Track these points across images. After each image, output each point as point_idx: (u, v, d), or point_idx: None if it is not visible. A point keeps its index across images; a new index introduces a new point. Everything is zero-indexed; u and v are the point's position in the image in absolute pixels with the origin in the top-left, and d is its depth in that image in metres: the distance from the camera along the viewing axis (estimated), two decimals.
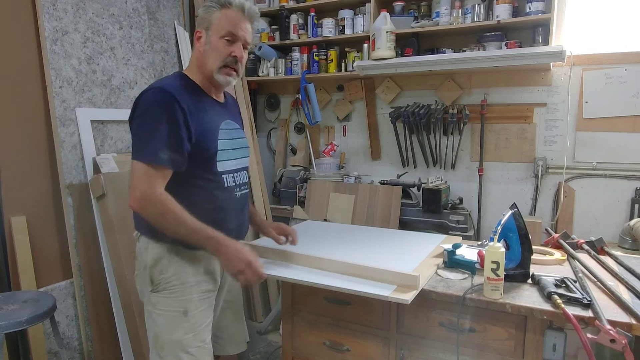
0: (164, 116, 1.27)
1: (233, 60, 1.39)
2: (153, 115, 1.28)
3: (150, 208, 1.26)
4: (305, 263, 1.61)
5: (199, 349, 1.39)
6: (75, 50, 2.27)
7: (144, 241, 1.42)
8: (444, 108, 2.73)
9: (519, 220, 1.44)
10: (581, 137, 2.51)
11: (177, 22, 2.92)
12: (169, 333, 1.38)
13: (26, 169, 2.09)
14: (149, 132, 1.28)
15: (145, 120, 1.29)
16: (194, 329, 1.39)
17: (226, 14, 1.38)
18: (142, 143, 1.29)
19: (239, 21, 1.38)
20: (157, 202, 1.26)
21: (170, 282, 1.38)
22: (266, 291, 3.17)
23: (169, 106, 1.28)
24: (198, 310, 1.41)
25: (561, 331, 1.32)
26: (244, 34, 1.40)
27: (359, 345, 1.62)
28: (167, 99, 1.29)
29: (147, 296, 1.42)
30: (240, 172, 1.50)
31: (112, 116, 2.45)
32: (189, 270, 1.39)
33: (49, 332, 2.07)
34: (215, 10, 1.38)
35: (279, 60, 3.11)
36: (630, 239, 2.14)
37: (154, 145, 1.26)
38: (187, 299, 1.39)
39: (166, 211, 1.25)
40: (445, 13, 2.52)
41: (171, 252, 1.38)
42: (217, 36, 1.37)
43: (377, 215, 2.77)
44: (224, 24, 1.37)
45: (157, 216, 1.26)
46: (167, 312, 1.38)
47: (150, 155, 1.26)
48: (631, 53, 2.36)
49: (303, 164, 3.19)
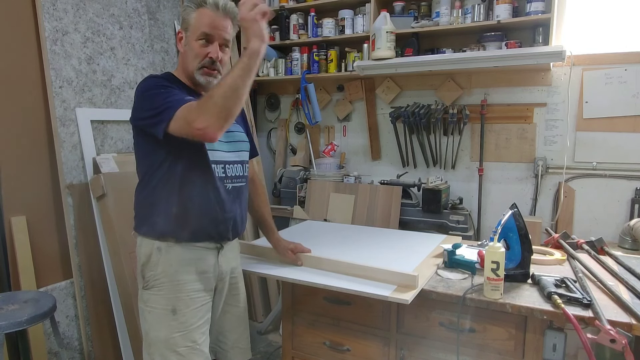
0: (164, 85, 1.32)
1: (209, 61, 1.38)
2: (155, 89, 1.30)
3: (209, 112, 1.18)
4: (306, 263, 1.61)
5: (188, 349, 1.37)
6: (75, 50, 2.27)
7: (139, 239, 1.43)
8: (444, 108, 2.73)
9: (519, 220, 1.44)
10: (581, 137, 2.51)
11: (177, 22, 2.92)
12: (156, 331, 1.37)
13: (26, 169, 2.09)
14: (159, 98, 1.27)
15: (151, 96, 1.29)
16: (182, 328, 1.37)
17: (202, 13, 1.37)
18: (159, 104, 1.26)
19: (214, 20, 1.37)
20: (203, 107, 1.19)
21: (159, 279, 1.37)
22: (266, 291, 3.17)
23: (164, 81, 1.34)
24: (189, 309, 1.38)
25: (561, 331, 1.32)
26: (221, 32, 1.38)
27: (359, 345, 1.62)
28: (160, 78, 1.36)
29: (139, 293, 1.43)
30: (233, 165, 1.47)
31: (112, 116, 2.45)
32: (178, 268, 1.38)
33: (49, 332, 2.07)
34: (191, 10, 1.38)
35: (279, 60, 3.11)
36: (630, 239, 2.14)
37: (173, 97, 1.26)
38: (175, 297, 1.37)
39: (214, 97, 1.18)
40: (445, 13, 2.52)
41: (161, 248, 1.37)
42: (194, 37, 1.37)
43: (377, 215, 2.77)
44: (199, 24, 1.36)
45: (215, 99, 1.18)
46: (155, 309, 1.37)
47: (176, 103, 1.24)
48: (631, 53, 2.36)
49: (303, 164, 3.19)
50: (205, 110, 1.18)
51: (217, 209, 1.41)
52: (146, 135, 1.33)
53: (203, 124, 1.17)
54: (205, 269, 1.43)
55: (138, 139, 1.41)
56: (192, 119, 1.19)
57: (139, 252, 1.42)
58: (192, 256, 1.40)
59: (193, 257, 1.40)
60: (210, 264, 1.44)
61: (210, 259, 1.44)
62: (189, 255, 1.39)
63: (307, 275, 1.51)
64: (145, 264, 1.39)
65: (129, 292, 2.17)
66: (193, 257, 1.40)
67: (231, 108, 1.19)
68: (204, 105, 1.19)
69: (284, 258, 1.64)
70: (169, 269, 1.37)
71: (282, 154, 3.39)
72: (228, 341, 1.60)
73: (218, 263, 1.46)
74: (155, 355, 1.37)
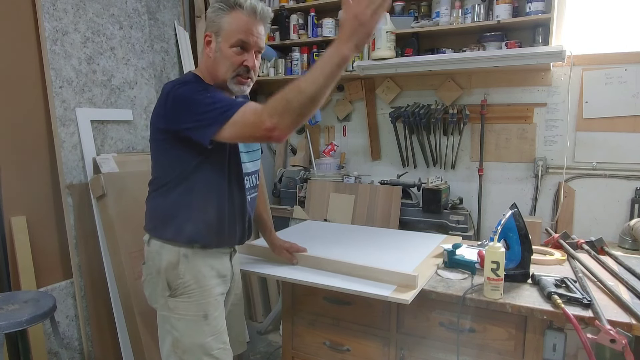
0: (204, 89, 1.26)
1: (245, 69, 1.32)
2: (198, 94, 1.23)
3: (283, 116, 1.11)
4: (305, 263, 1.61)
5: (221, 351, 1.39)
6: (75, 50, 2.27)
7: (156, 244, 1.38)
8: (444, 108, 2.73)
9: (519, 220, 1.44)
10: (581, 137, 2.51)
11: (177, 22, 2.92)
12: (191, 337, 1.35)
13: (26, 169, 2.09)
14: (204, 103, 1.20)
15: (196, 103, 1.22)
16: (214, 331, 1.38)
17: (237, 17, 1.28)
18: (209, 112, 1.19)
19: (250, 26, 1.29)
20: (273, 111, 1.11)
21: (189, 286, 1.35)
22: (266, 291, 3.17)
23: (200, 86, 1.28)
24: (217, 312, 1.40)
25: (561, 331, 1.32)
26: (257, 39, 1.31)
27: (359, 345, 1.62)
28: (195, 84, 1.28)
29: (161, 301, 1.38)
30: (252, 175, 1.48)
31: (112, 116, 2.44)
32: (205, 274, 1.37)
33: (49, 332, 2.07)
34: (224, 13, 1.29)
35: (279, 61, 3.11)
36: (630, 239, 2.14)
37: (225, 102, 1.20)
38: (206, 302, 1.37)
39: (286, 99, 1.10)
40: (445, 13, 2.52)
41: (187, 255, 1.35)
42: (228, 44, 1.29)
43: (377, 215, 2.77)
44: (235, 30, 1.28)
45: (292, 105, 1.10)
46: (186, 316, 1.36)
47: (231, 107, 1.17)
48: (631, 53, 2.36)
49: (303, 164, 3.19)
50: (280, 113, 1.10)
51: (243, 217, 1.43)
52: (180, 141, 1.26)
53: (276, 126, 1.10)
54: (225, 272, 1.45)
55: (165, 145, 1.33)
56: (261, 120, 1.12)
57: (159, 257, 1.37)
58: (214, 261, 1.41)
59: (215, 262, 1.41)
60: (228, 267, 1.46)
61: (226, 262, 1.46)
62: (212, 260, 1.40)
63: (307, 275, 1.51)
64: (170, 271, 1.35)
65: (129, 292, 2.17)
66: (215, 261, 1.41)
67: (307, 114, 1.12)
68: (278, 107, 1.11)
69: (280, 257, 1.66)
70: (198, 275, 1.36)
71: (282, 154, 3.39)
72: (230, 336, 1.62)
73: (232, 266, 1.49)
74: None
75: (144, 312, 2.14)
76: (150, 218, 1.42)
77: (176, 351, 1.38)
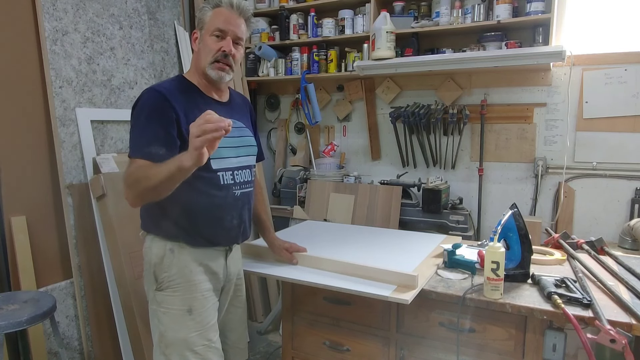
0: (154, 114, 1.32)
1: (222, 55, 1.41)
2: (144, 114, 1.34)
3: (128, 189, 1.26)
4: (305, 263, 1.61)
5: (205, 348, 1.40)
6: (75, 50, 2.27)
7: (148, 240, 1.44)
8: (444, 108, 2.73)
9: (519, 220, 1.44)
10: (581, 137, 2.51)
11: (177, 22, 2.92)
12: (174, 331, 1.38)
13: (26, 169, 2.09)
14: (139, 130, 1.33)
15: (138, 120, 1.35)
16: (199, 327, 1.39)
17: (217, 12, 1.42)
18: (132, 140, 1.34)
19: (228, 17, 1.42)
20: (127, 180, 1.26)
21: (174, 280, 1.39)
22: (266, 291, 3.17)
23: (159, 105, 1.34)
24: (204, 308, 1.41)
25: (561, 331, 1.32)
26: (234, 28, 1.42)
27: (359, 345, 1.62)
28: (157, 99, 1.35)
29: (150, 295, 1.43)
30: (241, 171, 1.50)
31: (112, 116, 2.45)
32: (192, 269, 1.40)
33: (49, 332, 2.07)
34: (208, 10, 1.44)
35: (279, 60, 3.11)
36: (630, 239, 2.14)
37: (142, 142, 1.30)
38: (191, 297, 1.39)
39: (137, 178, 1.23)
40: (445, 13, 2.52)
41: (173, 249, 1.39)
42: (208, 34, 1.42)
43: (377, 215, 2.77)
44: (214, 21, 1.41)
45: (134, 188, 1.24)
46: (171, 310, 1.38)
47: (138, 151, 1.29)
48: (631, 53, 2.36)
49: (303, 164, 3.19)
50: (128, 185, 1.25)
51: (227, 216, 1.44)
52: None
53: (125, 194, 1.27)
54: (216, 270, 1.46)
55: None
56: (124, 179, 1.27)
57: (149, 252, 1.42)
58: (203, 257, 1.42)
59: (205, 258, 1.43)
60: (221, 265, 1.48)
61: (220, 260, 1.47)
62: (201, 256, 1.42)
63: (307, 275, 1.51)
64: (157, 265, 1.40)
65: (129, 292, 2.17)
66: (205, 258, 1.43)
67: (147, 199, 1.27)
68: (129, 180, 1.25)
69: (280, 257, 1.66)
70: (184, 269, 1.39)
71: (282, 154, 3.39)
72: (229, 341, 1.62)
73: (227, 265, 1.50)
74: (173, 356, 1.38)
75: (144, 312, 2.14)
76: (142, 215, 1.48)
77: (160, 345, 1.40)
